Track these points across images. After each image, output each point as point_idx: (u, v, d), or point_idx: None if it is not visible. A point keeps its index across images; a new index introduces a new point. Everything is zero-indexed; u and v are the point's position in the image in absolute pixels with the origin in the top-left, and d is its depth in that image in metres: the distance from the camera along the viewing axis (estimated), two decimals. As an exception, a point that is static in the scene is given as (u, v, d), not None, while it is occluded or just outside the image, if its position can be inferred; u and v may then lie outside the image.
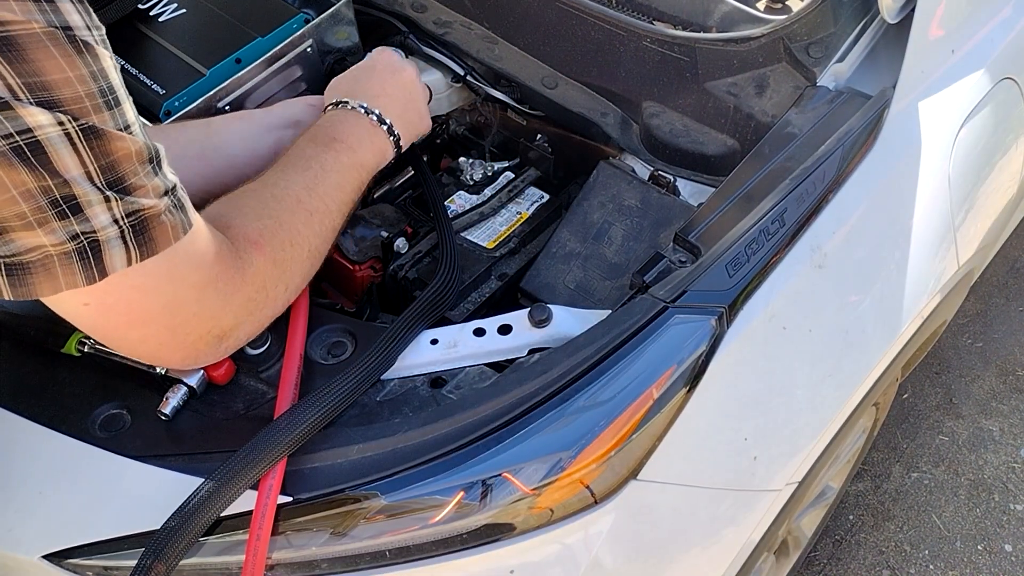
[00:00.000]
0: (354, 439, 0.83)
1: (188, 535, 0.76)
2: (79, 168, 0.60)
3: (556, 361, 0.85)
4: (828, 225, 0.99)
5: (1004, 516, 1.84)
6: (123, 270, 0.64)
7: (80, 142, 0.59)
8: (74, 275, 0.62)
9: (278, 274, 0.81)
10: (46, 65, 0.56)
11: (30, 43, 0.56)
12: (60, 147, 0.58)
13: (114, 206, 0.62)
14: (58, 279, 0.62)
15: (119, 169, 0.62)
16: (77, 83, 0.58)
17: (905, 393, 2.03)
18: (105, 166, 0.61)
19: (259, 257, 0.78)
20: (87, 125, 0.59)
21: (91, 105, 0.59)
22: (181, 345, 0.76)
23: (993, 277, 2.24)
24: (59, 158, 0.58)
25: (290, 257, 0.83)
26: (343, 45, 1.21)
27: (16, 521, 0.86)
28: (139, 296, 0.69)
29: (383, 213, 1.10)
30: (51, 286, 0.62)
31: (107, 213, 0.62)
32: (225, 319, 0.76)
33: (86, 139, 0.59)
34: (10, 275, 0.61)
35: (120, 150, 0.62)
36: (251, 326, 0.81)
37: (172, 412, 0.86)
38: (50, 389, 0.92)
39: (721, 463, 0.97)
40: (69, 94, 0.58)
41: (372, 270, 1.07)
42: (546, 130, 1.25)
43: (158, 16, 1.18)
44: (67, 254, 0.61)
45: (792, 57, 1.07)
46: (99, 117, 0.60)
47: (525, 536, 0.85)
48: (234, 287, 0.75)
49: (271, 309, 0.83)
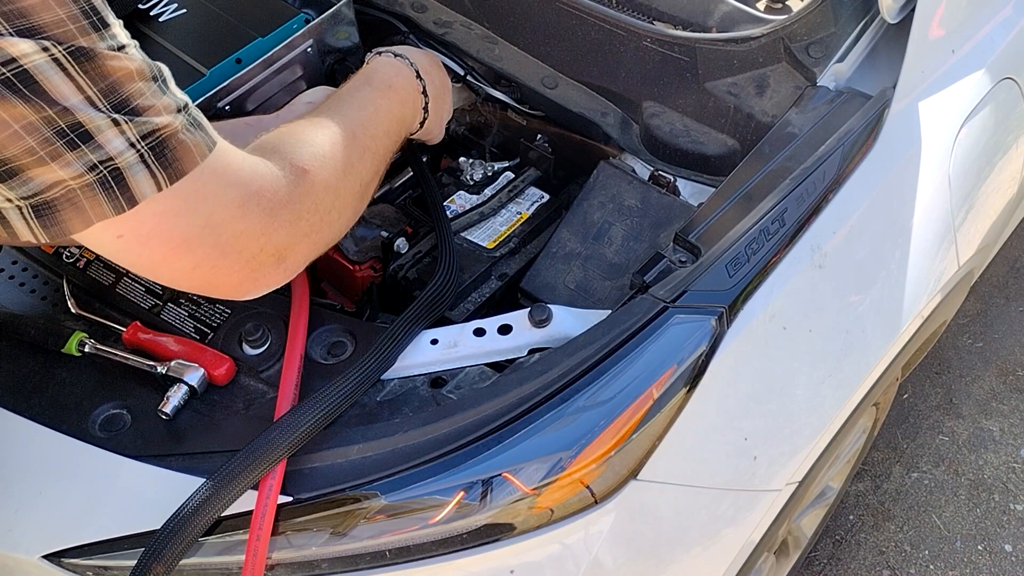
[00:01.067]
0: (354, 439, 0.83)
1: (187, 536, 0.76)
2: (77, 94, 0.58)
3: (556, 361, 0.85)
4: (828, 225, 0.99)
5: (1004, 516, 1.84)
6: (153, 196, 0.62)
7: (71, 66, 0.57)
8: (101, 205, 0.60)
9: (331, 199, 0.79)
10: None
11: None
12: (51, 74, 0.56)
13: (126, 129, 0.60)
14: (86, 212, 0.60)
15: (122, 90, 0.60)
16: (56, 6, 0.56)
17: (905, 393, 2.03)
18: (106, 88, 0.59)
19: (308, 179, 0.75)
20: (74, 47, 0.57)
21: (75, 28, 0.57)
22: (236, 266, 0.71)
23: (993, 277, 2.24)
24: (52, 85, 0.56)
25: (343, 185, 0.81)
26: (343, 45, 1.21)
27: (16, 521, 0.86)
28: (175, 220, 0.66)
29: (383, 213, 1.10)
30: (81, 220, 0.60)
31: (120, 137, 0.59)
32: (277, 235, 0.73)
33: (77, 62, 0.57)
34: (39, 216, 0.60)
35: (118, 70, 0.59)
36: (308, 247, 0.78)
37: (173, 411, 0.86)
38: (50, 389, 0.92)
39: (721, 463, 0.97)
40: (49, 18, 0.56)
41: (372, 270, 1.07)
42: (546, 130, 1.25)
43: (158, 16, 1.17)
44: (90, 186, 0.59)
45: (792, 57, 1.07)
46: (87, 39, 0.58)
47: (525, 536, 0.85)
48: (280, 203, 0.72)
49: (327, 233, 0.80)
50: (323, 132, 0.82)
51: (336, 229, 0.82)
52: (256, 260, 0.72)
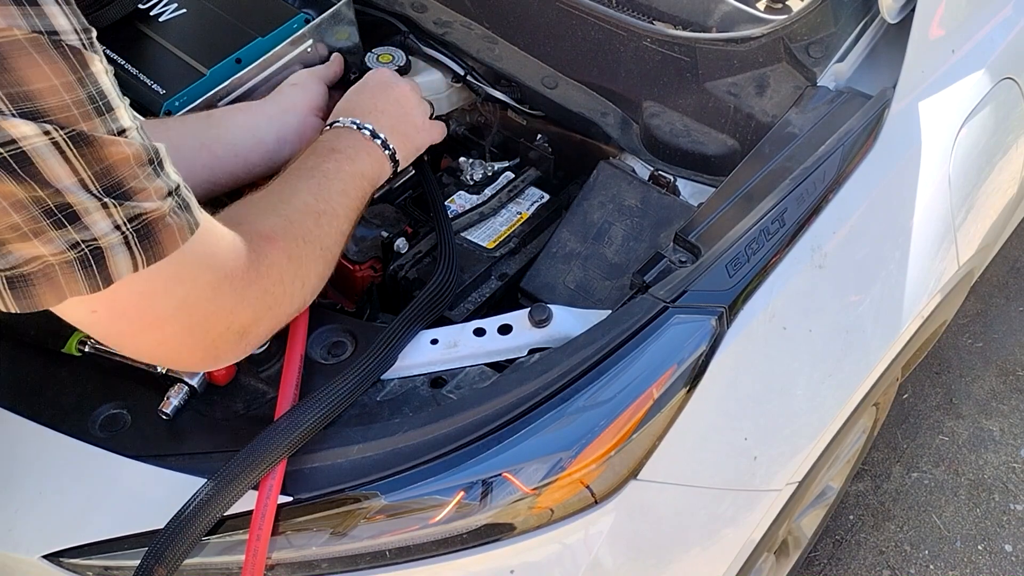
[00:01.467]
0: (354, 439, 0.83)
1: (189, 537, 0.76)
2: (71, 177, 0.58)
3: (556, 361, 0.85)
4: (828, 225, 0.99)
5: (1004, 516, 1.84)
6: (130, 276, 0.63)
7: (70, 150, 0.57)
8: (77, 283, 0.61)
9: (294, 269, 0.80)
10: (29, 74, 0.55)
11: (11, 51, 0.53)
12: (48, 157, 0.56)
13: (114, 212, 0.60)
14: (61, 288, 0.61)
15: (115, 174, 0.60)
16: (63, 90, 0.56)
17: (905, 393, 2.03)
18: (100, 172, 0.59)
19: (273, 250, 0.77)
20: (75, 132, 0.57)
21: (79, 112, 0.57)
22: (200, 345, 0.74)
23: (993, 277, 2.24)
24: (48, 168, 0.56)
25: (304, 253, 0.82)
26: (343, 45, 1.21)
27: (16, 521, 0.86)
28: (149, 300, 0.67)
29: (383, 213, 1.10)
30: (55, 295, 0.61)
31: (107, 220, 0.60)
32: (243, 314, 0.75)
33: (76, 147, 0.57)
34: (12, 288, 0.60)
35: (115, 155, 0.60)
36: (271, 321, 0.80)
37: (173, 412, 0.86)
38: (50, 389, 0.92)
39: (721, 463, 0.97)
40: (55, 103, 0.56)
41: (372, 270, 1.07)
42: (546, 130, 1.25)
43: (158, 16, 1.18)
44: (68, 263, 0.60)
45: (792, 57, 1.07)
46: (88, 124, 0.58)
47: (525, 536, 0.85)
48: (248, 281, 0.74)
49: (289, 305, 0.82)
50: (280, 205, 0.84)
51: (299, 301, 0.84)
52: (221, 338, 0.75)
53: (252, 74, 1.12)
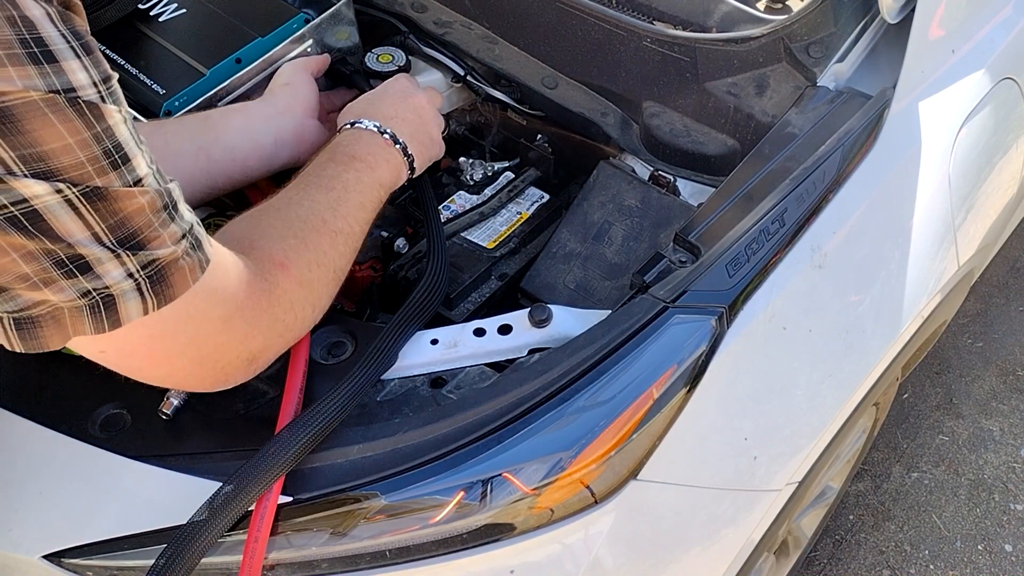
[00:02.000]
0: (354, 439, 0.83)
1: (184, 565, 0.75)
2: (84, 231, 0.57)
3: (556, 361, 0.85)
4: (828, 225, 0.99)
5: (1004, 516, 1.84)
6: (140, 323, 0.62)
7: (83, 206, 0.56)
8: (84, 325, 0.60)
9: (305, 295, 0.80)
10: (44, 135, 0.53)
11: (27, 113, 0.53)
12: (60, 214, 0.55)
13: (127, 261, 0.60)
14: (67, 329, 0.60)
15: (130, 225, 0.59)
16: (78, 148, 0.55)
17: (905, 393, 2.03)
18: (114, 225, 0.58)
19: (284, 278, 0.77)
20: (89, 188, 0.56)
21: (94, 169, 0.56)
22: (211, 373, 0.74)
23: (993, 277, 2.24)
24: (60, 224, 0.56)
25: (316, 278, 0.81)
26: (343, 45, 1.21)
27: (16, 521, 0.86)
28: (160, 340, 0.67)
29: (383, 213, 1.10)
30: (61, 337, 0.61)
31: (120, 269, 0.59)
32: (254, 343, 0.75)
33: (89, 202, 0.57)
34: (19, 328, 0.59)
35: (130, 207, 0.59)
36: (280, 346, 0.80)
37: (173, 412, 0.86)
38: (50, 389, 0.92)
39: (721, 463, 0.97)
40: (69, 161, 0.55)
41: (372, 270, 1.07)
42: (546, 130, 1.25)
43: (158, 16, 1.18)
44: (78, 309, 0.59)
45: (792, 57, 1.07)
46: (104, 179, 0.57)
47: (525, 536, 0.85)
48: (260, 311, 0.74)
49: (299, 329, 0.82)
50: (296, 223, 0.82)
51: (307, 324, 0.83)
52: (231, 366, 0.75)
53: (252, 74, 1.12)
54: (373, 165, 0.94)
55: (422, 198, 1.08)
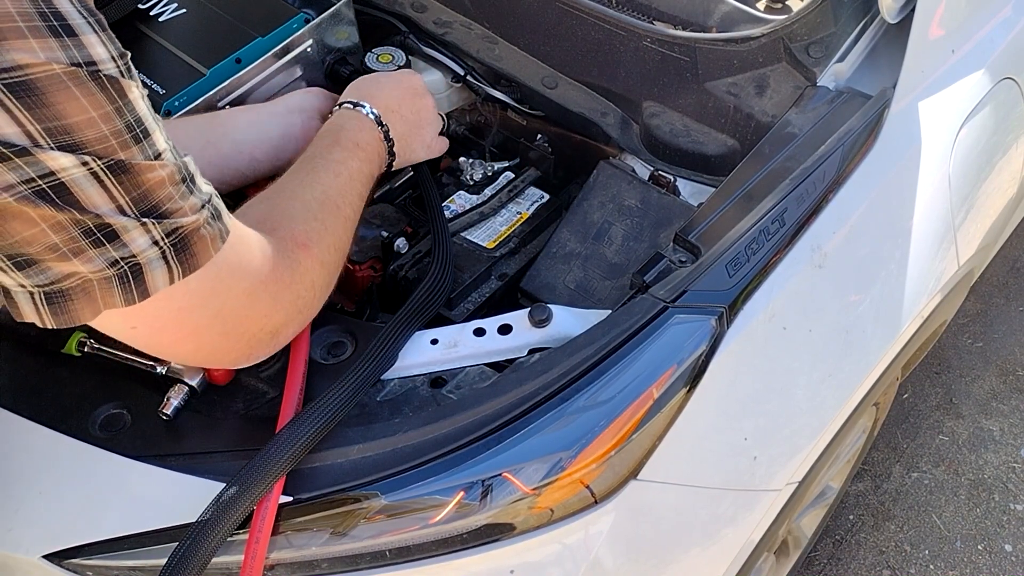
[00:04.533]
0: (354, 439, 0.83)
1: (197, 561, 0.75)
2: (109, 203, 0.58)
3: (556, 361, 0.85)
4: (828, 225, 0.99)
5: (1004, 516, 1.84)
6: (167, 290, 0.64)
7: (108, 178, 0.58)
8: (114, 297, 0.61)
9: (324, 275, 0.82)
10: (68, 108, 0.55)
11: (51, 86, 0.54)
12: (87, 186, 0.57)
13: (152, 229, 0.61)
14: (97, 302, 0.61)
15: (152, 197, 0.61)
16: (101, 122, 0.56)
17: (905, 393, 2.03)
18: (138, 197, 0.60)
19: (307, 257, 0.79)
20: (113, 161, 0.58)
21: (117, 143, 0.58)
22: (234, 347, 0.76)
23: (993, 277, 2.24)
24: (87, 196, 0.57)
25: (333, 260, 0.84)
26: (343, 45, 1.21)
27: (16, 521, 0.86)
28: (188, 314, 0.68)
29: (383, 213, 1.10)
30: (92, 310, 0.62)
31: (145, 236, 0.61)
32: (276, 317, 0.77)
33: (114, 175, 0.58)
34: (50, 303, 0.60)
35: (152, 180, 0.60)
36: (299, 323, 0.82)
37: (173, 412, 0.86)
38: (50, 389, 0.92)
39: (721, 463, 0.97)
40: (93, 135, 0.56)
41: (372, 270, 1.07)
42: (546, 130, 1.25)
43: (158, 16, 1.18)
44: (108, 279, 0.60)
45: (792, 57, 1.07)
46: (127, 153, 0.58)
47: (525, 536, 0.85)
48: (283, 286, 0.76)
49: (315, 307, 0.84)
50: (312, 207, 0.84)
51: (321, 302, 0.85)
52: (255, 339, 0.76)
53: (252, 74, 1.12)
54: (371, 157, 0.96)
55: (426, 197, 1.08)
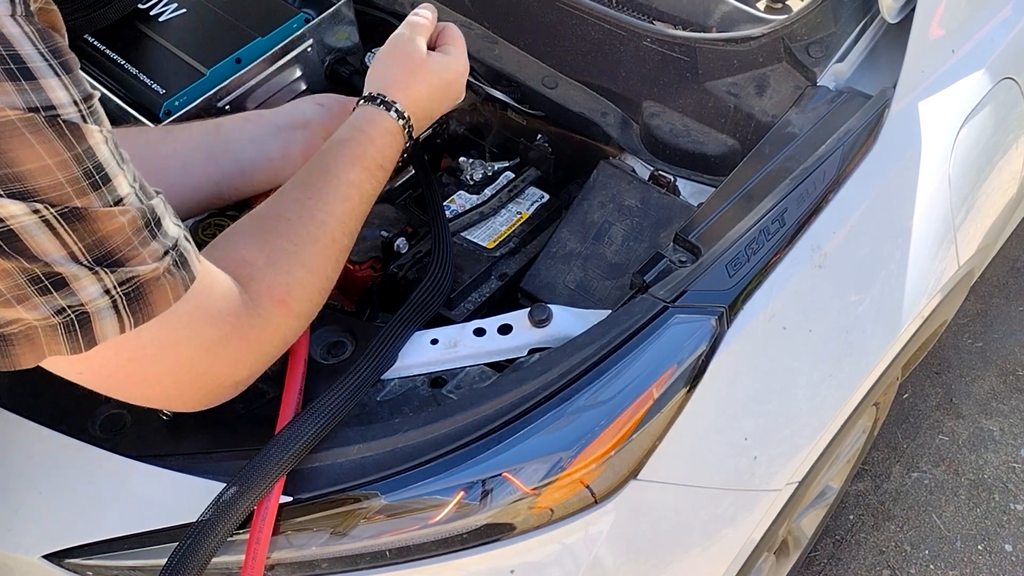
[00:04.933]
0: (354, 439, 0.83)
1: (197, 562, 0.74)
2: (61, 250, 0.56)
3: (556, 361, 0.85)
4: (828, 225, 0.99)
5: (1004, 516, 1.84)
6: (115, 341, 0.60)
7: (60, 226, 0.55)
8: (59, 344, 0.59)
9: (299, 325, 0.79)
10: (20, 155, 0.52)
11: (3, 132, 0.51)
12: (37, 233, 0.54)
13: (104, 277, 0.58)
14: (41, 348, 0.59)
15: (107, 244, 0.58)
16: (57, 169, 0.54)
17: (905, 393, 2.03)
18: (92, 244, 0.57)
19: (282, 314, 0.74)
20: (68, 209, 0.55)
21: (73, 190, 0.55)
22: (192, 397, 0.73)
23: (993, 277, 2.24)
24: (36, 244, 0.55)
25: (315, 305, 0.80)
26: (343, 45, 1.21)
27: (16, 521, 0.86)
28: (138, 364, 0.65)
29: (383, 213, 1.10)
30: (35, 355, 0.59)
31: (96, 285, 0.58)
32: (239, 372, 0.73)
33: (67, 222, 0.55)
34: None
35: (109, 227, 0.58)
36: (265, 367, 0.79)
37: (173, 412, 0.86)
38: (50, 389, 0.92)
39: (721, 463, 0.97)
40: (46, 182, 0.54)
41: (372, 270, 1.07)
42: (546, 130, 1.25)
43: (158, 16, 1.18)
44: (53, 327, 0.58)
45: (792, 57, 1.07)
46: (83, 200, 0.56)
47: (525, 536, 0.85)
48: (250, 343, 0.72)
49: (284, 349, 0.81)
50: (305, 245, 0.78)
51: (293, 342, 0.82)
52: (214, 391, 0.73)
53: (252, 74, 1.12)
54: (389, 168, 0.90)
55: (427, 196, 1.08)
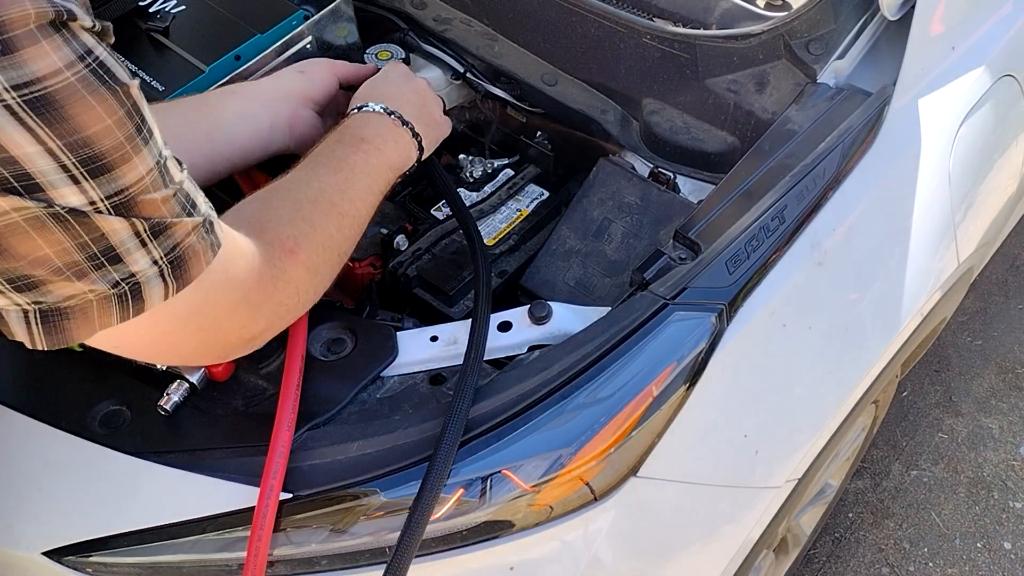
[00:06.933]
0: (354, 436, 0.83)
1: None
2: (128, 229, 0.59)
3: (556, 358, 0.85)
4: (828, 222, 0.99)
5: (1003, 514, 1.84)
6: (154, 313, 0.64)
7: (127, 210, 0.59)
8: (111, 316, 0.62)
9: (310, 279, 0.81)
10: (85, 120, 0.55)
11: (69, 98, 0.53)
12: (108, 217, 0.57)
13: (152, 249, 0.61)
14: (94, 322, 0.61)
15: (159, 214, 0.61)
16: (116, 128, 0.57)
17: (905, 391, 2.03)
18: (152, 224, 0.60)
19: (293, 264, 0.78)
20: (130, 196, 0.58)
21: (131, 147, 0.58)
22: (212, 352, 0.77)
23: (993, 275, 2.24)
24: (103, 221, 0.57)
25: (323, 261, 0.83)
26: (343, 42, 1.21)
27: (16, 517, 0.86)
28: (170, 333, 0.69)
29: (383, 210, 1.10)
30: (87, 329, 0.62)
31: (147, 257, 0.61)
32: (256, 326, 0.77)
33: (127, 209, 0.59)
34: (45, 322, 0.60)
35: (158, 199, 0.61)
36: (281, 325, 0.82)
37: (172, 408, 0.86)
38: (50, 384, 0.92)
39: (721, 460, 0.97)
40: (109, 144, 0.56)
41: (372, 267, 1.07)
42: (546, 127, 1.25)
43: (158, 13, 1.17)
44: (107, 299, 0.61)
45: (792, 54, 1.07)
46: (156, 188, 0.60)
47: (525, 533, 0.85)
48: (266, 295, 0.75)
49: (301, 310, 0.83)
50: (306, 204, 0.83)
51: (308, 304, 0.85)
52: (232, 345, 0.77)
53: (251, 71, 1.12)
54: (381, 147, 0.95)
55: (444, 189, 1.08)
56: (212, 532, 0.82)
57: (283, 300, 0.78)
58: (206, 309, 0.69)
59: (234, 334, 0.75)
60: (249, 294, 0.73)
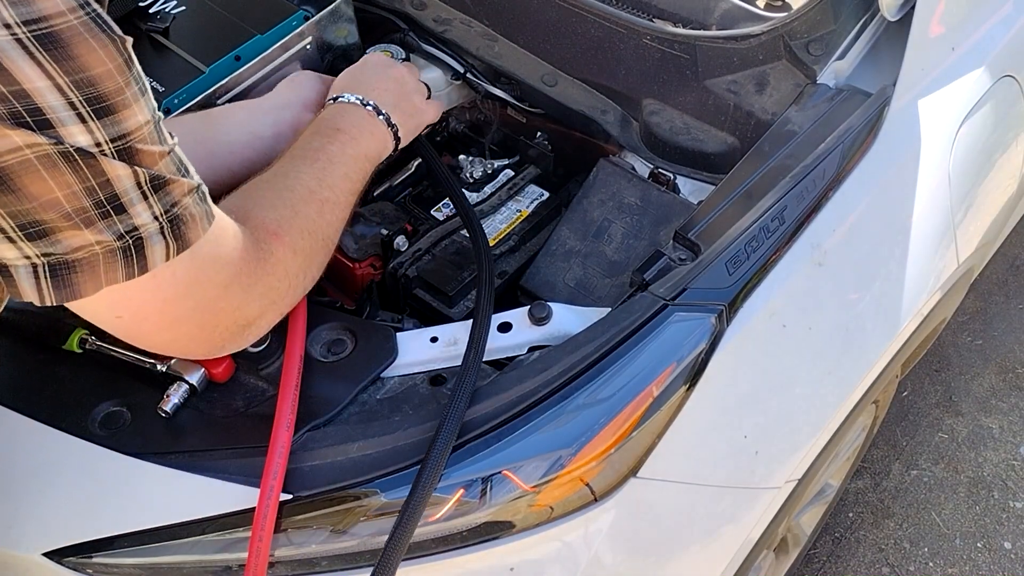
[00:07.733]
0: (354, 437, 0.83)
1: None
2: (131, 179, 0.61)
3: (556, 359, 0.85)
4: (828, 223, 0.99)
5: (1004, 514, 1.84)
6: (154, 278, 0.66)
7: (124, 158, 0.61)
8: (117, 271, 0.63)
9: (298, 262, 0.83)
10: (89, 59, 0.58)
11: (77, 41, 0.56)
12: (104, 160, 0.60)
13: (153, 203, 0.63)
14: (100, 277, 0.63)
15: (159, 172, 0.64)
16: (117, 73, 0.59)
17: (905, 391, 2.03)
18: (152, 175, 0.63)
19: (279, 246, 0.80)
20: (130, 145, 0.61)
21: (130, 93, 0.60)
22: (208, 339, 0.77)
23: (993, 275, 2.24)
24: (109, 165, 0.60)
25: (308, 246, 0.84)
26: (343, 43, 1.21)
27: (16, 519, 0.86)
28: (171, 304, 0.70)
29: (383, 211, 1.10)
30: (94, 284, 0.63)
31: (148, 211, 0.63)
32: (249, 309, 0.78)
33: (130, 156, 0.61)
34: (54, 276, 0.62)
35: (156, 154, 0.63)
36: (274, 314, 0.82)
37: (173, 409, 0.86)
38: (50, 386, 0.92)
39: (721, 461, 0.98)
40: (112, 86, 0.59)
41: (372, 268, 1.07)
42: (546, 128, 1.25)
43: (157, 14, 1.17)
44: (113, 252, 0.62)
45: (792, 55, 1.07)
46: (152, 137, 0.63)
47: (525, 534, 0.85)
48: (256, 278, 0.77)
49: (292, 297, 0.84)
50: (284, 192, 0.85)
51: (301, 291, 0.86)
52: (228, 331, 0.77)
53: (251, 71, 1.12)
54: (357, 137, 0.97)
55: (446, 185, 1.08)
56: (212, 533, 0.82)
57: (273, 284, 0.79)
58: (202, 284, 0.71)
59: (228, 316, 0.76)
60: (240, 274, 0.74)
